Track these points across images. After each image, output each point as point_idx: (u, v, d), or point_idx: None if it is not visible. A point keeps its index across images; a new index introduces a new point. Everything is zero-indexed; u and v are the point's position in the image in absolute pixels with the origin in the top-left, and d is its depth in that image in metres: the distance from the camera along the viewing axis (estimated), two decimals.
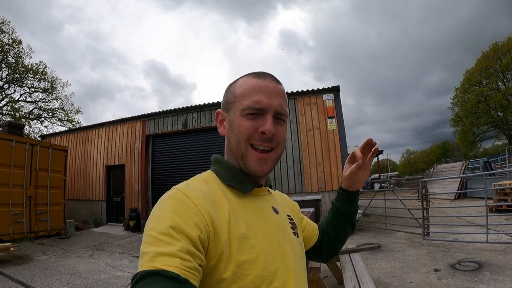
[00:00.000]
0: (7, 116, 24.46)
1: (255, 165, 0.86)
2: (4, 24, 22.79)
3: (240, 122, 0.85)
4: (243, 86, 0.88)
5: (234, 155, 0.88)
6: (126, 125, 13.92)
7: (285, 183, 10.55)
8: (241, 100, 0.86)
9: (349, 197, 1.11)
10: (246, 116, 0.85)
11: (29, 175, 10.38)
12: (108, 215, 13.81)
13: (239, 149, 0.86)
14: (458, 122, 37.64)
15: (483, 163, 19.00)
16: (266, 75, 0.90)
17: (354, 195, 1.12)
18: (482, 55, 34.07)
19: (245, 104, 0.85)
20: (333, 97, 10.53)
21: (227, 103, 0.91)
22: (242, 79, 0.91)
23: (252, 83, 0.87)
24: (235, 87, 0.90)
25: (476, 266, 5.19)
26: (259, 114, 0.85)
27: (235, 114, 0.87)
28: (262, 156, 0.86)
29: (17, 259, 7.34)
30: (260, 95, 0.85)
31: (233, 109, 0.88)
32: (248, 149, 0.85)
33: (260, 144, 0.85)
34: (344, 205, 1.13)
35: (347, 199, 1.12)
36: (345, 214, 1.14)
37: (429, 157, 73.04)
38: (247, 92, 0.86)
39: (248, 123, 0.84)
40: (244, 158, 0.86)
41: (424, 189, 8.09)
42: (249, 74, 0.91)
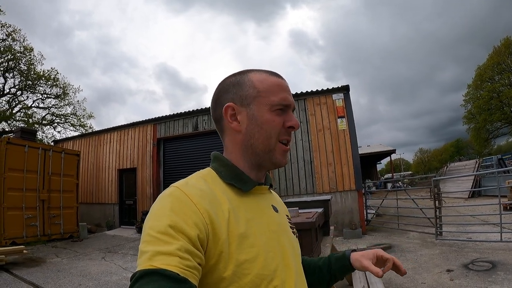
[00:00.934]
0: (21, 122, 24.84)
1: (280, 157, 0.89)
2: (15, 32, 23.14)
3: (270, 118, 0.86)
4: (266, 82, 0.88)
5: (255, 151, 0.87)
6: (137, 128, 14.02)
7: (296, 184, 10.51)
8: (268, 96, 0.87)
9: (347, 268, 1.07)
10: (275, 111, 0.87)
11: (42, 179, 10.52)
12: (121, 218, 13.92)
13: (268, 144, 0.86)
14: (471, 120, 37.10)
15: (497, 160, 18.69)
16: (280, 75, 0.93)
17: (352, 270, 1.07)
18: (494, 50, 33.52)
19: (275, 100, 0.86)
20: (343, 97, 10.46)
21: (246, 97, 0.88)
22: (258, 75, 0.90)
23: (274, 81, 0.89)
24: (254, 81, 0.89)
25: (489, 266, 5.11)
26: (284, 110, 0.88)
27: (263, 109, 0.86)
28: (286, 149, 0.90)
29: (30, 262, 7.44)
30: (285, 93, 0.89)
31: (256, 103, 0.87)
32: (278, 144, 0.87)
33: (287, 138, 0.89)
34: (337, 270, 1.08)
35: (344, 268, 1.07)
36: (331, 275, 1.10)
37: (443, 155, 72.27)
38: (273, 89, 0.88)
39: (278, 119, 0.87)
40: (271, 153, 0.87)
41: (436, 188, 8.00)
42: (261, 71, 0.92)
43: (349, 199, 9.82)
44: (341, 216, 9.63)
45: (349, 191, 9.86)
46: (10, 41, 22.91)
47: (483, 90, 34.30)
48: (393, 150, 31.32)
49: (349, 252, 1.08)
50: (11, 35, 22.85)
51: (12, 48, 22.97)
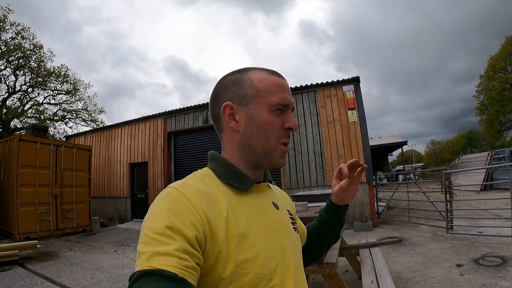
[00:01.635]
0: (32, 118, 25.08)
1: (279, 159, 0.88)
2: (25, 31, 23.31)
3: (269, 118, 0.85)
4: (266, 81, 0.87)
5: (253, 151, 0.87)
6: (148, 123, 14.10)
7: (307, 176, 10.49)
8: (267, 96, 0.86)
9: (337, 211, 1.13)
10: (274, 112, 0.86)
11: (55, 175, 10.66)
12: (133, 211, 14.05)
13: (267, 145, 0.86)
14: (483, 111, 36.58)
15: (509, 152, 18.38)
16: (280, 74, 0.92)
17: (343, 209, 1.13)
18: (506, 40, 32.92)
19: (274, 100, 0.86)
20: (353, 88, 10.37)
21: (245, 96, 0.87)
22: (258, 74, 0.89)
23: (274, 80, 0.88)
24: (253, 80, 0.88)
25: (500, 261, 5.06)
26: (283, 110, 0.87)
27: (261, 109, 0.86)
28: (285, 150, 0.89)
29: (44, 256, 7.57)
30: (285, 92, 0.88)
31: (255, 103, 0.86)
32: (277, 146, 0.87)
33: (286, 140, 0.89)
34: (332, 219, 1.14)
35: (336, 213, 1.13)
36: (332, 227, 1.15)
37: (455, 147, 71.50)
38: (273, 89, 0.87)
39: (277, 119, 0.86)
40: (270, 154, 0.87)
41: (447, 181, 7.93)
42: (261, 70, 0.91)
43: (359, 191, 9.77)
44: (352, 208, 9.61)
45: (360, 183, 9.78)
46: (20, 39, 23.10)
47: (495, 81, 33.75)
48: (405, 142, 31.10)
49: (329, 200, 1.14)
50: (20, 33, 23.03)
51: (22, 46, 23.15)
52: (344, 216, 1.16)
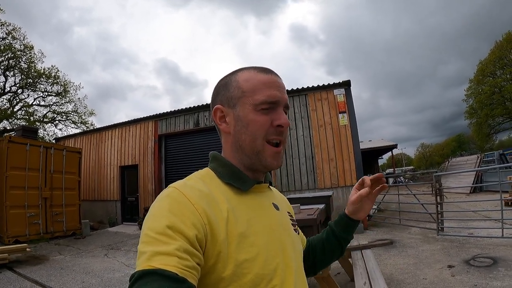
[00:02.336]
0: (22, 120, 24.85)
1: (271, 160, 0.86)
2: (15, 31, 23.13)
3: (254, 118, 0.84)
4: (251, 81, 0.86)
5: (244, 152, 0.87)
6: (139, 125, 14.04)
7: (298, 180, 10.52)
8: (252, 95, 0.85)
9: (349, 224, 1.11)
10: (260, 111, 0.84)
11: (44, 177, 10.56)
12: (123, 214, 13.96)
13: (254, 145, 0.85)
14: (472, 114, 37.00)
15: (498, 155, 18.62)
16: (271, 71, 0.90)
17: (354, 223, 1.11)
18: (496, 45, 33.37)
19: (259, 99, 0.84)
20: (344, 92, 10.44)
21: (231, 98, 0.88)
22: (245, 74, 0.88)
23: (261, 78, 0.86)
24: (239, 81, 0.88)
25: (490, 262, 5.11)
26: (271, 108, 0.85)
27: (247, 110, 0.85)
28: (277, 150, 0.87)
29: (34, 259, 7.48)
30: (272, 89, 0.85)
31: (241, 104, 0.86)
32: (265, 146, 0.85)
33: (275, 138, 0.86)
34: (341, 231, 1.11)
35: (347, 226, 1.11)
36: (339, 240, 1.12)
37: (444, 150, 72.29)
38: (258, 87, 0.85)
39: (263, 118, 0.84)
40: (260, 155, 0.85)
41: (438, 184, 7.99)
42: (250, 69, 0.90)
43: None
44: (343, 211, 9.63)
45: (350, 186, 9.85)
46: (10, 40, 22.94)
47: (485, 85, 34.20)
48: (395, 145, 31.22)
49: (343, 212, 1.12)
50: (11, 34, 22.87)
51: (12, 46, 22.96)
52: (353, 233, 1.13)
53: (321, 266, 1.18)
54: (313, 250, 1.16)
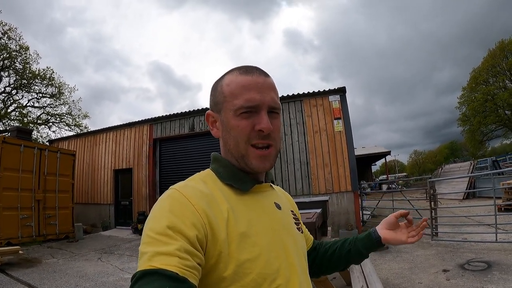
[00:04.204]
0: (16, 121, 24.70)
1: (257, 163, 0.84)
2: (11, 31, 23.05)
3: (235, 123, 0.83)
4: (231, 85, 0.85)
5: (233, 156, 0.87)
6: (133, 129, 13.97)
7: (293, 185, 10.52)
8: (231, 100, 0.84)
9: (373, 245, 1.09)
10: (240, 115, 0.82)
11: (38, 179, 10.47)
12: (116, 218, 13.85)
13: (238, 150, 0.84)
14: (465, 122, 37.34)
15: (491, 162, 18.76)
16: (253, 70, 0.87)
17: (379, 247, 1.10)
18: (489, 53, 33.79)
19: (237, 103, 0.82)
20: (339, 98, 10.48)
21: (217, 103, 0.88)
22: (229, 77, 0.87)
23: (240, 81, 0.84)
24: (222, 86, 0.87)
25: (485, 266, 5.15)
26: (252, 111, 0.83)
27: (228, 115, 0.84)
28: (262, 153, 0.84)
29: (26, 262, 7.39)
30: (252, 92, 0.83)
31: (224, 109, 0.86)
32: (248, 149, 0.84)
33: (259, 142, 0.83)
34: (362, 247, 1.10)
35: (370, 245, 1.09)
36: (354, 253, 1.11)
37: (437, 157, 72.79)
38: (237, 91, 0.83)
39: (244, 123, 0.82)
40: (245, 158, 0.84)
41: (432, 189, 8.04)
42: (234, 70, 0.88)
43: (345, 200, 9.84)
44: (338, 217, 9.66)
45: (345, 192, 9.88)
46: (6, 40, 22.83)
47: (478, 93, 34.58)
48: (388, 152, 31.41)
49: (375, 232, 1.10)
50: (7, 34, 22.78)
51: (7, 46, 22.88)
52: (368, 253, 1.11)
53: (326, 271, 1.17)
54: (322, 253, 1.16)
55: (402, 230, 1.09)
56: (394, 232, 1.09)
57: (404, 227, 1.10)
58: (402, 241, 1.07)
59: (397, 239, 1.07)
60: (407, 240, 1.07)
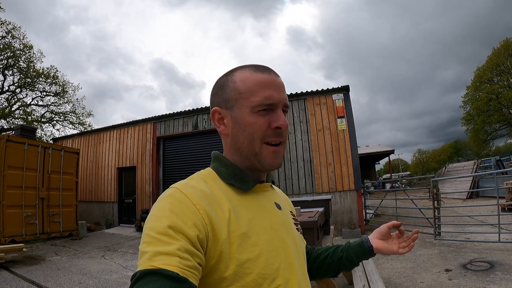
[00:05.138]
0: (20, 119, 24.74)
1: (270, 160, 0.85)
2: (15, 30, 23.07)
3: (252, 120, 0.83)
4: (247, 81, 0.84)
5: (243, 154, 0.86)
6: (137, 127, 14.01)
7: (296, 184, 10.52)
8: (248, 97, 0.83)
9: (365, 254, 1.09)
10: (258, 113, 0.82)
11: (42, 177, 10.53)
12: (120, 216, 13.91)
13: (252, 147, 0.84)
14: (469, 121, 37.14)
15: (495, 161, 18.68)
16: (268, 69, 0.88)
17: (369, 256, 1.11)
18: (493, 52, 33.53)
19: (256, 100, 0.82)
20: (342, 97, 10.47)
21: (229, 100, 0.86)
22: (242, 74, 0.87)
23: (257, 78, 0.84)
24: (236, 82, 0.86)
25: (487, 266, 5.13)
26: (269, 109, 0.83)
27: (244, 112, 0.83)
28: (275, 149, 0.85)
29: (30, 260, 7.44)
30: (269, 90, 0.83)
31: (238, 106, 0.84)
32: (263, 147, 0.84)
33: (274, 139, 0.84)
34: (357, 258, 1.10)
35: (361, 254, 1.10)
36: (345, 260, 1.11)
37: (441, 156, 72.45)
38: (254, 88, 0.83)
39: (261, 120, 0.82)
40: (258, 156, 0.84)
41: (435, 189, 8.01)
42: (247, 68, 0.88)
43: (348, 199, 9.84)
44: (340, 216, 9.67)
45: (348, 191, 9.88)
46: (9, 39, 22.84)
47: (482, 92, 34.33)
48: (392, 151, 31.36)
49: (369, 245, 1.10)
50: (10, 33, 22.78)
51: (11, 45, 22.90)
52: (359, 262, 1.12)
53: (315, 276, 1.16)
54: (313, 258, 1.16)
55: (393, 241, 1.11)
56: (386, 242, 1.10)
57: (396, 237, 1.11)
58: (393, 251, 1.08)
59: (388, 249, 1.09)
60: (398, 251, 1.08)
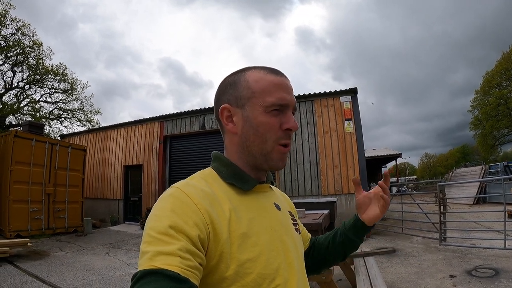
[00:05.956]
0: (28, 116, 24.95)
1: (277, 161, 0.86)
2: (25, 27, 23.26)
3: (265, 120, 0.84)
4: (262, 82, 0.85)
5: (251, 153, 0.86)
6: (145, 125, 14.08)
7: (302, 185, 10.51)
8: (263, 96, 0.84)
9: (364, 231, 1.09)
10: (270, 112, 0.84)
11: (48, 173, 10.61)
12: (125, 214, 13.98)
13: (264, 147, 0.85)
14: (477, 125, 36.85)
15: (502, 167, 18.51)
16: (280, 72, 0.89)
17: (369, 229, 1.09)
18: (503, 56, 33.23)
19: (270, 101, 0.83)
20: (350, 99, 10.43)
21: (240, 98, 0.87)
22: (255, 74, 0.87)
23: (271, 80, 0.86)
24: (249, 81, 0.86)
25: (492, 273, 5.08)
26: (280, 110, 0.85)
27: (256, 111, 0.84)
28: (284, 151, 0.87)
29: (34, 255, 7.49)
30: (282, 91, 0.85)
31: (251, 105, 0.85)
32: (275, 147, 0.85)
33: (284, 141, 0.85)
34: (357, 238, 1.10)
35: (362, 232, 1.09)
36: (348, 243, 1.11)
37: (448, 161, 72.02)
38: (269, 89, 0.84)
39: (273, 120, 0.84)
40: (268, 156, 0.85)
41: (441, 193, 7.96)
42: (259, 69, 0.89)
43: (354, 202, 9.73)
44: (346, 218, 9.31)
45: (354, 194, 9.79)
46: (19, 36, 23.03)
47: (490, 96, 34.04)
48: (399, 154, 31.16)
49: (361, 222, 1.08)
50: (20, 30, 22.97)
51: (21, 42, 23.09)
52: (361, 237, 1.11)
53: (324, 265, 1.17)
54: (318, 248, 1.16)
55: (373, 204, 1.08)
56: (368, 210, 1.08)
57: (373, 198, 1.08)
58: (378, 216, 1.06)
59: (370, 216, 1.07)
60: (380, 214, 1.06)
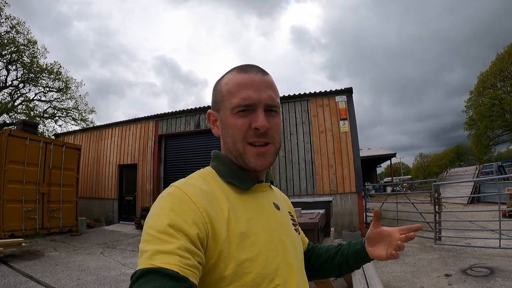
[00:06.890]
0: (22, 114, 24.82)
1: (255, 161, 0.84)
2: (19, 25, 23.13)
3: (232, 121, 0.83)
4: (230, 84, 0.86)
5: (232, 155, 0.86)
6: (139, 124, 14.00)
7: (297, 185, 10.50)
8: (229, 99, 0.84)
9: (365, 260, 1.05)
10: (237, 114, 0.83)
11: (43, 172, 10.53)
12: (120, 213, 13.92)
13: (236, 148, 0.84)
14: (472, 126, 37.08)
15: (497, 167, 18.66)
16: (251, 68, 0.87)
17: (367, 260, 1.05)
18: (497, 57, 33.44)
19: (234, 102, 0.83)
20: (346, 99, 10.44)
21: (216, 102, 0.89)
22: (228, 76, 0.88)
23: (237, 80, 0.85)
24: (221, 85, 0.88)
25: (487, 271, 5.12)
26: (249, 110, 0.83)
27: (226, 114, 0.85)
28: (260, 151, 0.84)
29: (29, 255, 7.44)
30: (248, 90, 0.83)
31: (223, 108, 0.86)
32: (246, 147, 0.84)
33: (256, 140, 0.83)
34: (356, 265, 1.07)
35: (363, 261, 1.06)
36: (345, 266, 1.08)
37: (443, 160, 72.36)
38: (234, 90, 0.84)
39: (241, 121, 0.82)
40: (243, 156, 0.84)
41: (436, 193, 8.00)
42: (234, 69, 0.89)
43: (349, 201, 9.82)
44: (341, 218, 9.64)
45: (349, 193, 9.85)
46: (14, 34, 22.91)
47: (485, 97, 34.26)
48: (394, 154, 31.29)
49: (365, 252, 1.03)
50: (15, 28, 22.84)
51: (15, 40, 22.95)
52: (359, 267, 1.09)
53: (318, 276, 1.16)
54: (316, 258, 1.15)
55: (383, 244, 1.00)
56: (375, 247, 1.01)
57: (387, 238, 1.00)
58: (382, 257, 0.99)
59: (375, 255, 1.01)
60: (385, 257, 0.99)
